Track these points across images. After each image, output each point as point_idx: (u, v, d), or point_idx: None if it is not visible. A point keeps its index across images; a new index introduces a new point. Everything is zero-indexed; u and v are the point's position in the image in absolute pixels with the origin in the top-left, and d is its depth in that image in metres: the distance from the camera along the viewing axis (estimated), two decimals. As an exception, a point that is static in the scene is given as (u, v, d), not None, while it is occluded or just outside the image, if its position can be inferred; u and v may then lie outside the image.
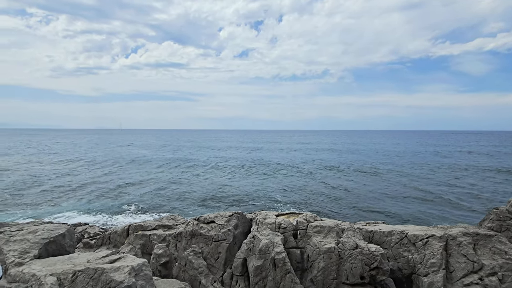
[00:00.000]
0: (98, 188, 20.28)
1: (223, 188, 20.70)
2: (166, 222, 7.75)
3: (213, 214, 6.36)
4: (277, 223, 5.61)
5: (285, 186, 21.06)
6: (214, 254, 5.71)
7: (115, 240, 7.46)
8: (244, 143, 78.34)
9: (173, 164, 33.43)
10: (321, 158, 39.46)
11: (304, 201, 16.52)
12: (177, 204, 16.32)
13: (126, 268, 3.73)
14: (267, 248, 5.03)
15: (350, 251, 4.83)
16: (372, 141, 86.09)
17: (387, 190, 19.18)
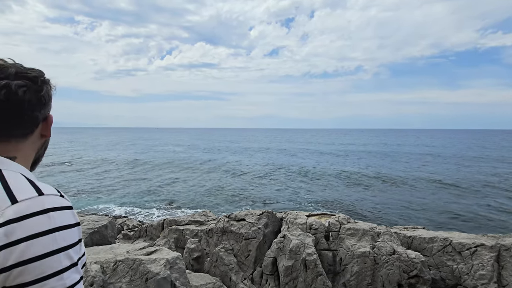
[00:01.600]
0: (136, 184, 21.55)
1: (253, 186, 20.86)
2: (198, 218, 7.98)
3: (244, 212, 6.42)
4: (308, 223, 5.50)
5: (316, 187, 20.64)
6: (244, 251, 5.76)
7: (151, 233, 7.85)
8: (274, 142, 78.21)
9: (205, 162, 34.42)
10: (353, 159, 38.07)
11: (336, 202, 16.04)
12: (208, 201, 16.77)
13: (162, 261, 3.89)
14: (298, 249, 4.95)
15: (387, 256, 4.57)
16: (410, 141, 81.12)
17: (427, 194, 17.94)
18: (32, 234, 0.56)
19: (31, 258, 0.55)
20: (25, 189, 0.60)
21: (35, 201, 0.59)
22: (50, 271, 0.56)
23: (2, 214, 0.55)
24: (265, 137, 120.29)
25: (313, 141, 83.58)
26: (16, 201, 0.58)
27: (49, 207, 0.59)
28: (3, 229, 0.55)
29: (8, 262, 0.54)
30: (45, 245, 0.57)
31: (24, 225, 0.56)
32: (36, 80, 0.70)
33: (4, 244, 0.54)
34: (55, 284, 0.56)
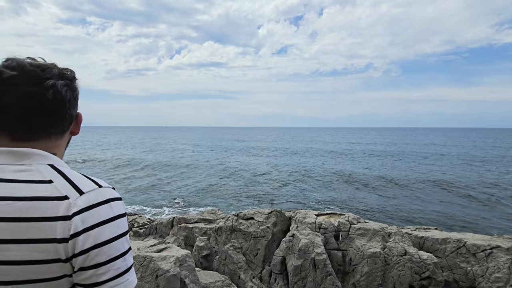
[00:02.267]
0: (145, 182, 21.84)
1: (261, 185, 20.86)
2: (207, 216, 8.03)
3: (252, 211, 6.42)
4: (317, 223, 5.46)
5: (324, 186, 20.49)
6: (253, 250, 5.77)
7: (161, 230, 7.94)
8: (282, 141, 77.99)
9: (213, 161, 34.60)
10: (363, 159, 37.62)
11: (345, 202, 15.89)
12: (216, 200, 16.87)
13: (172, 258, 3.93)
14: (307, 248, 4.92)
15: (398, 257, 4.50)
16: (421, 140, 79.63)
17: (437, 195, 17.59)
18: (102, 220, 0.63)
19: (104, 242, 0.63)
20: (86, 182, 0.67)
21: (98, 192, 0.66)
22: (117, 253, 0.64)
23: (74, 204, 0.62)
24: (273, 135, 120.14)
25: (321, 140, 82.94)
26: (83, 192, 0.64)
27: (109, 198, 0.67)
28: (79, 217, 0.61)
29: (86, 245, 0.61)
30: (112, 230, 0.64)
31: (94, 213, 0.63)
32: (73, 79, 0.75)
33: (82, 229, 0.61)
34: (120, 264, 0.65)
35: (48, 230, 0.59)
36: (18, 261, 0.59)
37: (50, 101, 0.68)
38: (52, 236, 0.59)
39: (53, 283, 0.61)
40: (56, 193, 0.62)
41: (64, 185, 0.64)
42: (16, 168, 0.64)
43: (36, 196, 0.61)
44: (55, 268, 0.60)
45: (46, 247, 0.59)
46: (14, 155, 0.66)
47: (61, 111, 0.71)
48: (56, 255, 0.60)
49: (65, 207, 0.61)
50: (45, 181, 0.64)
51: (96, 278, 0.62)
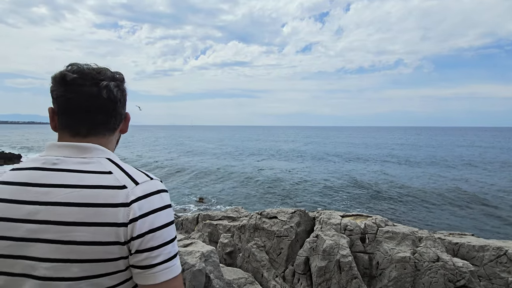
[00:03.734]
0: (171, 179, 22.58)
1: (284, 184, 20.75)
2: (231, 214, 8.14)
3: (276, 210, 6.41)
4: (342, 224, 5.33)
5: (349, 186, 19.94)
6: (276, 249, 5.76)
7: (187, 226, 8.18)
8: (306, 140, 76.92)
9: (236, 160, 34.97)
10: (390, 158, 36.08)
11: (371, 203, 15.35)
12: (239, 198, 17.04)
13: (197, 253, 4.04)
14: (332, 250, 4.82)
15: (430, 263, 4.27)
16: (455, 141, 74.78)
17: (473, 200, 16.43)
18: (156, 208, 0.70)
19: (158, 227, 0.69)
20: (139, 174, 0.75)
21: (151, 183, 0.74)
22: (168, 238, 0.70)
23: (132, 193, 0.69)
24: (296, 134, 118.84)
25: (345, 139, 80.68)
26: (138, 183, 0.71)
27: (160, 189, 0.74)
28: (137, 204, 0.68)
29: (143, 229, 0.67)
30: (164, 217, 0.71)
31: (149, 201, 0.70)
32: (122, 81, 0.82)
33: (140, 215, 0.68)
34: (171, 249, 0.71)
35: (110, 215, 0.66)
36: (83, 241, 0.65)
37: (105, 100, 0.76)
38: (114, 221, 0.66)
39: (112, 263, 0.68)
40: (116, 182, 0.70)
41: (122, 176, 0.72)
42: (79, 161, 0.73)
43: (99, 185, 0.69)
44: (114, 249, 0.67)
45: (107, 230, 0.66)
46: (77, 149, 0.74)
47: (113, 109, 0.79)
48: (116, 238, 0.66)
49: (124, 195, 0.68)
50: (106, 172, 0.72)
51: (150, 261, 0.68)
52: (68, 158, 0.72)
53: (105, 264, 0.67)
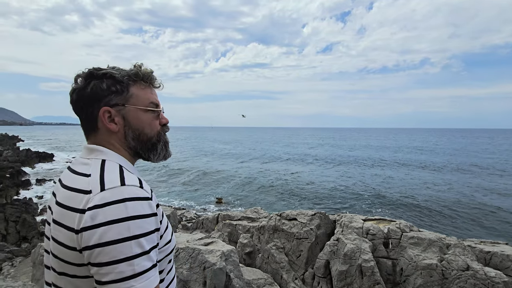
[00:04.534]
0: (194, 180, 23.05)
1: (305, 186, 20.54)
2: (250, 215, 8.19)
3: (295, 212, 6.37)
4: (364, 228, 5.20)
5: (372, 190, 19.36)
6: (295, 251, 5.73)
7: (207, 225, 8.33)
8: (324, 141, 75.64)
9: (255, 161, 35.07)
10: (415, 161, 34.61)
11: (395, 207, 14.82)
12: (259, 199, 17.08)
13: (218, 252, 4.11)
14: (353, 254, 4.72)
15: (458, 271, 4.07)
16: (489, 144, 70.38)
17: (506, 206, 15.39)
18: (110, 220, 0.62)
19: (107, 242, 0.61)
20: (113, 179, 0.68)
21: (117, 190, 0.66)
22: (120, 256, 0.61)
23: (92, 200, 0.65)
24: (314, 136, 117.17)
25: (365, 141, 78.41)
26: (104, 189, 0.66)
27: (127, 197, 0.65)
28: (90, 213, 0.63)
29: (91, 242, 0.62)
30: (119, 231, 0.62)
31: (105, 211, 0.63)
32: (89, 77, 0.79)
33: (89, 225, 0.63)
34: (125, 269, 0.61)
35: (71, 219, 0.66)
36: (60, 242, 0.68)
37: (74, 100, 0.78)
38: (73, 226, 0.65)
39: (80, 268, 0.66)
40: (85, 187, 0.67)
41: (94, 180, 0.68)
42: (82, 161, 0.76)
43: (74, 188, 0.69)
44: (76, 254, 0.66)
45: (69, 235, 0.66)
46: (86, 150, 0.78)
47: (80, 108, 0.78)
48: (75, 244, 0.65)
49: (85, 201, 0.65)
50: (86, 174, 0.70)
51: (99, 277, 0.62)
52: (79, 159, 0.77)
53: (75, 267, 0.67)
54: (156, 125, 0.83)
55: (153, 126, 0.82)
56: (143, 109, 0.80)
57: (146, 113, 0.80)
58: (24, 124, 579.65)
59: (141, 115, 0.79)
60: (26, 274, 5.72)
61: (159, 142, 0.84)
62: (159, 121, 0.84)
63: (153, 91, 0.84)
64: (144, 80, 0.81)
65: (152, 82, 0.83)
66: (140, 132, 0.80)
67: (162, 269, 0.75)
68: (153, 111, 0.82)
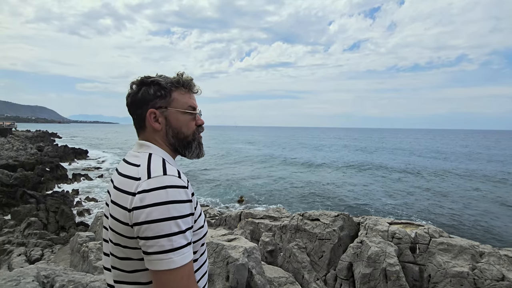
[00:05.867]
0: (217, 178, 23.51)
1: (327, 187, 20.20)
2: (272, 214, 8.24)
3: (318, 212, 6.33)
4: (390, 231, 5.06)
5: (397, 192, 18.60)
6: (317, 252, 5.69)
7: (230, 223, 8.50)
8: (352, 142, 73.60)
9: (278, 159, 35.01)
10: (448, 163, 32.66)
11: (423, 212, 14.13)
12: (281, 198, 17.06)
13: (241, 249, 4.21)
14: (377, 257, 4.62)
15: (492, 281, 3.84)
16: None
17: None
18: (154, 202, 0.77)
19: (152, 220, 0.76)
20: (158, 169, 0.83)
21: (160, 178, 0.81)
22: (162, 232, 0.75)
23: (140, 185, 0.80)
24: (339, 136, 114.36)
25: (392, 142, 75.17)
26: (150, 177, 0.81)
27: (167, 185, 0.80)
28: (139, 196, 0.79)
29: (140, 219, 0.77)
30: (161, 212, 0.76)
31: (151, 195, 0.78)
32: (140, 84, 0.96)
33: (138, 206, 0.78)
34: (165, 243, 0.75)
35: (124, 200, 0.81)
36: (116, 218, 0.83)
37: (129, 102, 0.95)
38: (126, 206, 0.80)
39: (130, 240, 0.82)
40: (136, 174, 0.83)
41: (143, 170, 0.83)
42: (133, 154, 0.93)
43: (128, 175, 0.85)
44: (128, 229, 0.81)
45: (124, 213, 0.81)
46: (137, 145, 0.96)
47: (134, 109, 0.95)
48: (128, 220, 0.80)
49: (136, 186, 0.81)
50: (137, 165, 0.86)
51: (145, 248, 0.77)
52: (132, 152, 0.94)
53: (127, 239, 0.82)
54: (192, 125, 0.98)
55: (190, 126, 0.97)
56: (182, 112, 0.95)
57: (184, 115, 0.95)
58: (62, 122, 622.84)
59: (180, 116, 0.95)
60: (64, 260, 6.20)
61: (194, 141, 0.98)
62: (195, 122, 0.98)
63: (192, 96, 0.99)
64: (184, 87, 0.96)
65: (191, 88, 0.98)
66: (178, 131, 0.95)
67: (196, 250, 0.89)
68: (190, 113, 0.97)
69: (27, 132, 61.35)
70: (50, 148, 31.35)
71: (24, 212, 9.88)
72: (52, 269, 3.31)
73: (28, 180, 14.96)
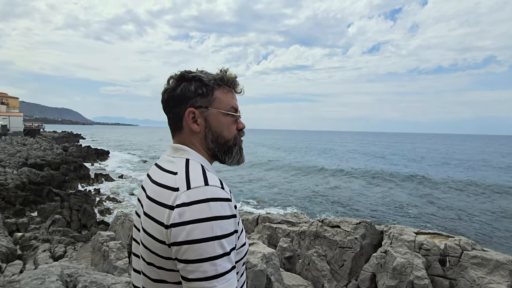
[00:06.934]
0: (233, 180, 23.55)
1: (347, 193, 19.70)
2: (290, 219, 8.07)
3: (338, 219, 6.12)
4: (417, 242, 4.78)
5: (423, 200, 17.82)
6: (338, 260, 5.49)
7: (246, 227, 8.41)
8: (372, 147, 71.75)
9: (296, 164, 34.65)
10: (478, 171, 31.00)
11: (452, 222, 13.42)
12: (299, 203, 16.79)
13: (259, 254, 4.11)
14: (404, 269, 4.37)
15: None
16: None
17: None
18: (196, 219, 0.65)
19: (193, 240, 0.64)
20: (197, 178, 0.71)
21: (201, 190, 0.69)
22: (205, 255, 0.63)
23: (179, 197, 0.68)
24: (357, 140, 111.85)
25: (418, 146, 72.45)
26: (190, 187, 0.69)
27: (210, 197, 0.67)
28: (178, 210, 0.66)
29: (179, 238, 0.65)
30: (203, 230, 0.64)
31: (191, 209, 0.66)
32: (180, 79, 0.85)
33: (177, 222, 0.66)
34: (208, 268, 0.63)
35: (162, 214, 0.69)
36: (150, 234, 0.71)
37: (165, 100, 0.85)
38: (162, 220, 0.68)
39: (167, 261, 0.69)
40: (173, 184, 0.71)
41: (181, 178, 0.71)
42: (168, 159, 0.81)
43: (163, 184, 0.73)
44: (165, 249, 0.69)
45: (159, 228, 0.69)
46: (172, 149, 0.84)
47: (170, 108, 0.84)
48: (164, 238, 0.68)
49: (174, 197, 0.69)
50: (173, 172, 0.75)
51: (185, 273, 0.65)
52: (166, 157, 0.83)
53: (162, 259, 0.70)
54: (234, 129, 0.86)
55: (231, 130, 0.85)
56: (224, 113, 0.83)
57: (226, 116, 0.84)
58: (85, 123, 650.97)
59: (221, 118, 0.83)
60: (86, 258, 6.34)
61: (235, 146, 0.86)
62: (237, 125, 0.87)
63: (234, 96, 0.87)
64: (228, 85, 0.85)
65: (235, 87, 0.87)
66: (218, 135, 0.83)
67: (237, 271, 0.75)
68: (233, 115, 0.85)
69: (54, 133, 64.72)
70: (74, 149, 32.71)
71: (50, 210, 10.27)
72: (74, 267, 3.36)
73: (53, 179, 15.61)
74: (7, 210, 10.32)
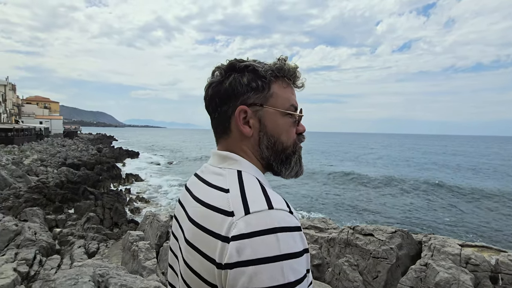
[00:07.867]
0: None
1: (378, 198, 18.83)
2: (318, 224, 7.78)
3: (372, 227, 5.77)
4: (463, 255, 4.34)
5: (467, 209, 16.53)
6: (371, 271, 5.15)
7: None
8: (402, 149, 68.37)
9: (322, 167, 33.87)
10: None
11: (500, 234, 12.25)
12: (326, 208, 16.32)
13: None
14: (448, 285, 3.97)
15: None
16: None
17: None
18: (261, 258, 0.47)
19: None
20: (257, 199, 0.54)
21: (265, 215, 0.51)
22: None
23: (236, 226, 0.50)
24: (392, 143, 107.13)
25: (455, 150, 67.78)
26: (249, 212, 0.51)
27: (278, 226, 0.50)
28: (235, 244, 0.49)
29: (238, 284, 0.47)
30: (272, 276, 0.47)
31: (254, 243, 0.48)
32: (229, 70, 0.69)
33: (235, 262, 0.48)
34: None
35: (213, 247, 0.52)
36: (194, 270, 0.55)
37: (208, 98, 0.69)
38: (213, 257, 0.51)
39: None
40: (226, 206, 0.53)
41: (235, 198, 0.54)
42: (214, 171, 0.64)
43: (213, 205, 0.56)
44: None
45: (209, 266, 0.52)
46: (217, 157, 0.66)
47: (215, 106, 0.68)
48: (215, 281, 0.51)
49: (228, 225, 0.51)
50: (224, 189, 0.57)
51: None
52: (210, 167, 0.66)
53: None
54: (293, 133, 0.67)
55: (290, 134, 0.66)
56: (282, 112, 0.65)
57: (285, 117, 0.65)
58: (118, 126, 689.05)
59: (279, 119, 0.65)
60: (116, 255, 6.55)
61: (294, 154, 0.68)
62: (296, 128, 0.68)
63: (293, 91, 0.69)
64: (288, 77, 0.67)
65: (295, 80, 0.68)
66: (276, 140, 0.65)
67: None
68: (292, 115, 0.66)
69: (89, 134, 69.31)
70: (107, 150, 34.62)
71: (85, 207, 10.83)
72: (106, 267, 3.42)
73: (89, 178, 16.55)
74: (48, 207, 11.03)
